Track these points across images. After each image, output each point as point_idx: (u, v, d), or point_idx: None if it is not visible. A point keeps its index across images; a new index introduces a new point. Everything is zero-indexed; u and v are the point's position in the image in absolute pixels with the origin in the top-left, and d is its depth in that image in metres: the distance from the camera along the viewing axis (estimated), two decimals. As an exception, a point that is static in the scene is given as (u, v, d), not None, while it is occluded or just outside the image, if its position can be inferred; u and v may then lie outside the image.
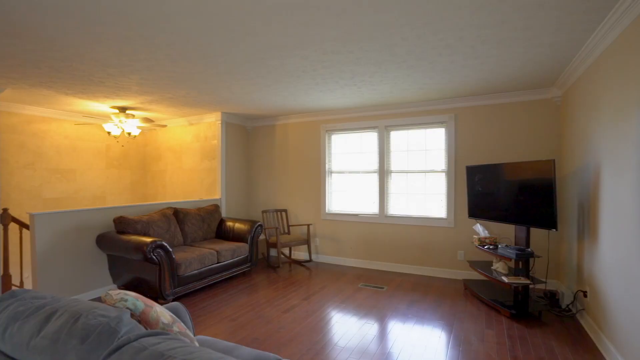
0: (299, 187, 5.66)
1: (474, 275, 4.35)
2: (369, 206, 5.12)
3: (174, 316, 1.52)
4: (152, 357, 0.83)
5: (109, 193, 5.93)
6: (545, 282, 3.43)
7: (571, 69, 3.15)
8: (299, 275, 4.67)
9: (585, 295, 2.97)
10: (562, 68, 3.21)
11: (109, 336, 0.95)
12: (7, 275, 3.89)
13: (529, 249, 3.34)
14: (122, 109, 4.85)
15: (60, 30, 2.36)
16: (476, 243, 3.82)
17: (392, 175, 4.93)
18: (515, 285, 3.18)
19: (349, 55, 2.87)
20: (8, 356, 1.08)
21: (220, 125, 5.44)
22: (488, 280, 4.00)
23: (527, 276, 3.27)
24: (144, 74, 3.31)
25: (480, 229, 3.93)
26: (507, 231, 4.16)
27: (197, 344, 1.54)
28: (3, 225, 3.89)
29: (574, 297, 3.27)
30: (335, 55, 2.88)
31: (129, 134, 4.93)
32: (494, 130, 4.26)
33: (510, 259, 3.32)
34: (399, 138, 4.90)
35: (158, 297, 3.46)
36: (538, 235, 3.99)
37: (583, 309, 3.08)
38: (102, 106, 4.72)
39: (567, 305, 3.33)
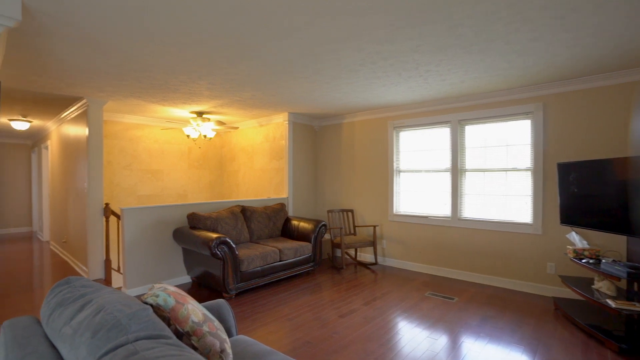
0: (365, 186, 5.48)
1: (568, 293, 3.65)
2: (439, 208, 4.70)
3: (209, 315, 1.53)
4: (143, 362, 0.79)
5: (190, 191, 6.53)
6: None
7: None
8: (362, 278, 4.50)
9: None
10: (697, 34, 2.47)
11: (118, 333, 0.95)
12: (108, 260, 4.53)
13: (646, 267, 2.65)
14: (199, 114, 5.27)
15: (132, 43, 2.61)
16: (571, 255, 3.20)
17: (467, 174, 4.44)
18: (627, 312, 2.55)
19: (407, 42, 2.62)
20: (48, 339, 1.17)
21: (287, 125, 5.56)
22: (586, 301, 3.32)
23: (643, 301, 2.60)
24: (209, 78, 3.52)
25: (576, 238, 3.28)
26: (614, 242, 3.39)
27: (228, 345, 1.52)
28: (105, 217, 4.53)
29: None
30: (391, 45, 2.66)
31: (205, 136, 5.34)
32: (592, 120, 3.52)
33: (618, 279, 2.68)
34: (474, 133, 4.39)
35: (222, 291, 3.65)
36: (661, 249, 3.17)
37: None
38: (182, 111, 5.20)
39: None
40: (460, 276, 4.44)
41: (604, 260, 2.92)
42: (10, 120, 5.77)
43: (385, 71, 3.34)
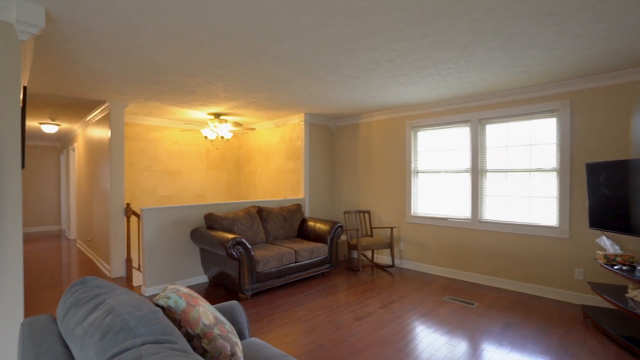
0: (383, 187, 5.40)
1: (598, 301, 3.46)
2: (459, 209, 4.56)
3: (220, 317, 1.52)
4: (147, 366, 0.78)
5: (208, 192, 6.63)
6: None
7: None
8: (379, 281, 4.43)
9: None
10: None
11: (126, 335, 0.95)
12: (129, 259, 4.64)
13: (684, 274, 2.47)
14: (217, 115, 5.34)
15: (148, 46, 2.65)
16: (601, 261, 3.02)
17: (488, 174, 4.29)
18: (660, 321, 2.39)
19: (423, 39, 2.55)
20: (62, 339, 1.18)
21: (303, 126, 5.55)
22: (619, 311, 3.13)
23: (681, 311, 2.43)
24: (225, 80, 3.54)
25: (607, 242, 3.10)
26: (649, 247, 3.19)
27: (239, 348, 1.51)
28: (126, 217, 4.65)
29: None
30: (407, 42, 2.59)
31: (222, 137, 5.40)
32: (623, 117, 3.31)
33: (652, 285, 2.51)
34: (495, 132, 4.24)
35: (238, 291, 3.67)
36: (701, 255, 2.95)
37: None
38: (200, 113, 5.28)
39: None
40: (481, 280, 4.29)
41: (639, 267, 2.75)
42: (41, 123, 6.03)
43: (402, 70, 3.27)
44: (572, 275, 3.63)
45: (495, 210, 4.22)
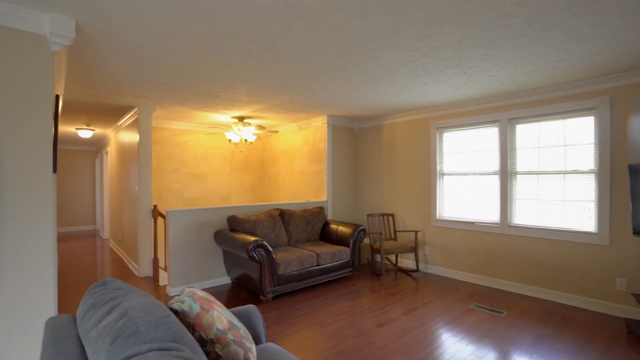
0: (407, 190, 5.27)
1: (644, 313, 3.19)
2: (487, 213, 4.37)
3: (235, 322, 1.51)
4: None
5: (233, 194, 6.74)
6: None
7: None
8: (403, 286, 4.32)
9: None
10: None
11: (135, 340, 0.95)
12: (155, 259, 4.79)
13: None
14: (241, 118, 5.41)
15: (172, 53, 2.72)
16: (646, 270, 2.78)
17: (518, 177, 4.08)
18: None
19: (447, 37, 2.45)
20: (79, 340, 1.21)
21: (326, 128, 5.53)
22: (668, 324, 2.87)
23: None
24: (247, 83, 3.58)
25: (653, 251, 2.85)
26: (703, 257, 2.90)
27: (253, 354, 1.49)
28: (153, 218, 4.80)
29: None
30: (431, 40, 2.50)
31: (246, 140, 5.47)
32: (679, 113, 3.04)
33: None
34: (526, 132, 4.02)
35: (260, 293, 3.68)
36: None
37: None
38: (224, 117, 5.38)
39: None
40: (510, 288, 4.08)
41: (689, 278, 2.50)
42: (77, 129, 6.37)
43: (426, 69, 3.17)
44: (614, 285, 3.37)
45: (527, 215, 4.00)
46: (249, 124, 5.41)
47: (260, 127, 5.28)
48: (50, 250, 2.22)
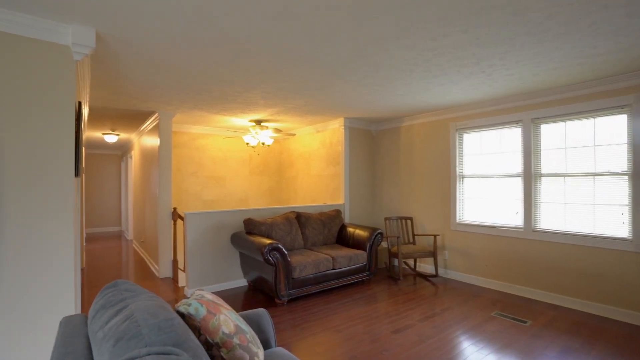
0: (426, 193, 5.15)
1: (685, 326, 2.96)
2: (510, 217, 4.19)
3: (242, 326, 1.50)
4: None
5: (251, 197, 6.81)
6: None
7: None
8: (421, 291, 4.20)
9: None
10: None
11: (136, 343, 0.95)
12: (175, 260, 4.89)
13: None
14: (258, 122, 5.46)
15: (188, 58, 2.77)
16: (686, 280, 2.58)
17: (543, 179, 3.89)
18: None
19: (463, 35, 2.37)
20: (88, 340, 1.23)
21: (343, 130, 5.49)
22: None
23: None
24: (262, 87, 3.60)
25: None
26: None
27: (259, 359, 1.47)
28: (172, 220, 4.90)
29: None
30: (446, 39, 2.43)
31: (263, 143, 5.52)
32: None
33: None
34: (551, 132, 3.84)
35: (275, 296, 3.68)
36: None
37: None
38: (241, 120, 5.45)
39: None
40: (535, 295, 3.89)
41: None
42: (103, 134, 6.62)
43: (443, 69, 3.09)
44: (649, 295, 3.14)
45: (552, 219, 3.81)
46: (266, 127, 5.45)
47: (278, 130, 5.30)
48: (71, 249, 2.30)
